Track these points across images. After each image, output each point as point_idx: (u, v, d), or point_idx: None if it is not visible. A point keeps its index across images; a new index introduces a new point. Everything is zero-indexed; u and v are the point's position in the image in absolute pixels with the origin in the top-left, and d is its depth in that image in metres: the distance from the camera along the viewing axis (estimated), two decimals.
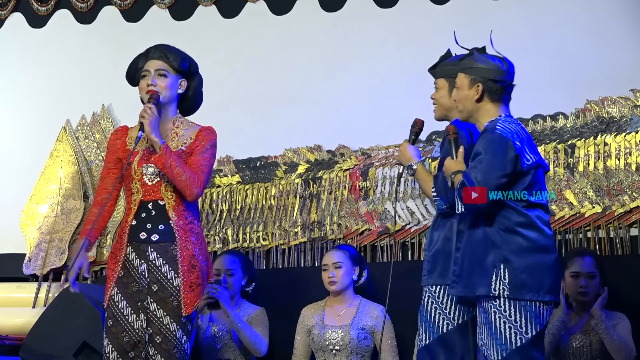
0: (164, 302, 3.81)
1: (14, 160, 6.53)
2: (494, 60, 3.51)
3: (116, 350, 3.82)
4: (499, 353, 3.28)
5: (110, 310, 3.87)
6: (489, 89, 3.47)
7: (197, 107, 4.16)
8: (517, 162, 3.31)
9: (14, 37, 6.80)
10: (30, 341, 5.07)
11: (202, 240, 3.96)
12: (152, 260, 3.85)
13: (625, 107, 4.98)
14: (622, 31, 5.12)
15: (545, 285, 3.28)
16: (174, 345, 3.79)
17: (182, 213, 3.90)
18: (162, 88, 3.94)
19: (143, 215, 3.90)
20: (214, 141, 4.00)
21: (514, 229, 3.30)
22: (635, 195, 4.81)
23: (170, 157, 3.79)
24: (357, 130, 5.65)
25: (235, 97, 6.04)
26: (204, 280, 3.92)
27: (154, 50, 4.02)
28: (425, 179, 3.75)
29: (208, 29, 6.27)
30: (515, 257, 3.28)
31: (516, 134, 3.37)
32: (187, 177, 3.81)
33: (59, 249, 5.96)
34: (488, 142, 3.35)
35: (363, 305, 4.74)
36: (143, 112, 3.84)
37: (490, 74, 3.48)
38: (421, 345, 3.67)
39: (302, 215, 5.60)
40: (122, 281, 3.88)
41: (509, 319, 3.28)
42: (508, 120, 3.43)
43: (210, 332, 4.90)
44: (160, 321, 3.80)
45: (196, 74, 4.09)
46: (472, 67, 3.51)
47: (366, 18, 5.84)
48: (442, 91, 3.81)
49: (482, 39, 3.92)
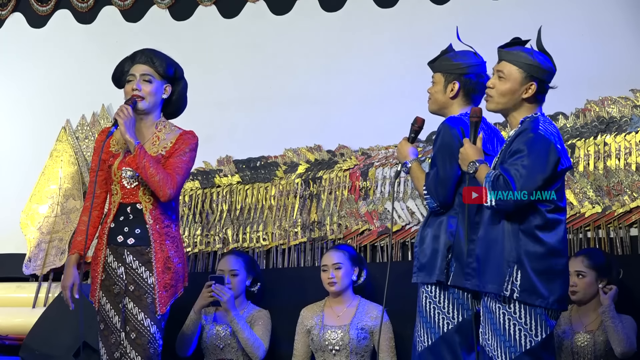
0: (139, 300, 3.87)
1: (14, 160, 6.53)
2: (548, 61, 3.44)
3: (107, 352, 3.92)
4: (507, 355, 3.26)
5: (100, 314, 3.95)
6: (540, 89, 3.42)
7: (181, 111, 4.18)
8: (556, 166, 3.27)
9: (14, 37, 6.79)
10: (30, 341, 5.08)
11: (178, 243, 4.00)
12: (128, 263, 3.92)
13: (625, 107, 4.98)
14: (622, 31, 5.12)
15: (555, 292, 3.26)
16: (148, 341, 3.85)
17: (159, 217, 3.94)
18: (147, 93, 3.96)
19: (121, 219, 3.96)
20: (193, 145, 4.01)
21: (533, 232, 3.27)
22: (635, 195, 4.80)
23: (144, 158, 3.82)
24: (357, 130, 5.65)
25: (235, 97, 6.04)
26: (178, 282, 3.97)
27: (140, 55, 4.03)
28: (418, 176, 3.75)
29: (208, 29, 6.27)
30: (529, 261, 3.24)
31: (557, 136, 3.33)
32: (160, 178, 3.83)
33: (59, 249, 5.96)
34: (530, 142, 3.28)
35: (362, 306, 4.74)
36: (119, 111, 3.87)
37: (545, 75, 3.42)
38: (423, 347, 3.67)
39: (302, 215, 5.60)
40: (104, 284, 3.96)
41: (519, 321, 3.25)
42: (548, 121, 3.38)
43: (214, 331, 4.90)
44: (136, 318, 3.86)
45: (181, 79, 4.11)
46: (529, 65, 3.41)
47: (366, 18, 5.83)
48: (437, 86, 3.81)
49: (482, 39, 3.93)
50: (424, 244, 3.71)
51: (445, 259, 3.61)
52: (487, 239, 3.36)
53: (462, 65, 3.76)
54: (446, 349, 3.62)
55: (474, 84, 3.76)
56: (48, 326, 5.06)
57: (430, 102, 3.87)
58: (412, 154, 3.83)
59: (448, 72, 3.78)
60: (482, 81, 3.75)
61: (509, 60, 3.44)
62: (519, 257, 3.26)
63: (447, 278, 3.62)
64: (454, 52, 3.82)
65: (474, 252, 3.42)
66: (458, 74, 3.76)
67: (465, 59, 3.78)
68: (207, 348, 4.90)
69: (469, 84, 3.76)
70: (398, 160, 3.91)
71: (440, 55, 3.83)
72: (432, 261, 3.65)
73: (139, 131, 3.99)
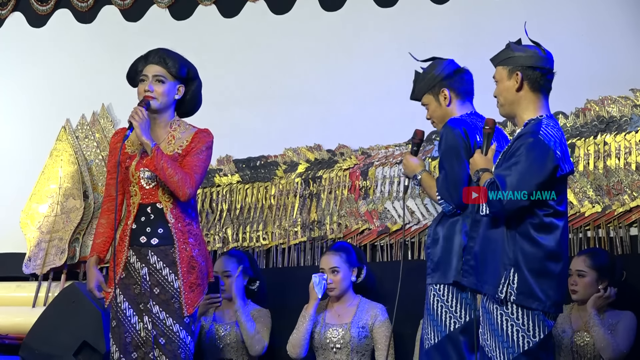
0: (166, 305, 3.85)
1: (14, 160, 6.53)
2: (530, 47, 3.43)
3: (119, 350, 3.89)
4: (505, 356, 3.25)
5: (113, 312, 3.93)
6: (528, 76, 3.39)
7: (195, 110, 4.17)
8: (553, 172, 3.26)
9: (14, 36, 6.80)
10: (30, 340, 5.07)
11: (201, 241, 3.99)
12: (152, 263, 3.89)
13: (625, 107, 4.98)
14: (622, 31, 5.12)
15: (551, 297, 3.25)
16: (178, 346, 3.84)
17: (180, 215, 3.93)
18: (159, 94, 3.95)
19: (142, 219, 3.94)
20: (209, 143, 4.01)
21: (529, 234, 3.26)
22: (635, 194, 4.81)
23: (161, 159, 3.81)
24: (357, 129, 5.65)
25: (235, 96, 6.04)
26: (204, 280, 3.95)
27: (154, 55, 4.01)
28: (430, 185, 3.76)
29: (208, 28, 6.27)
30: (526, 263, 3.24)
31: (559, 141, 3.30)
32: (179, 178, 3.82)
33: (59, 249, 5.95)
34: (528, 147, 3.26)
35: (363, 304, 4.75)
36: (134, 114, 3.86)
37: (528, 60, 3.40)
38: (430, 345, 3.68)
39: (302, 215, 5.60)
40: (124, 282, 3.92)
41: (517, 322, 3.25)
42: (551, 124, 3.34)
43: (214, 331, 4.90)
44: (164, 323, 3.84)
45: (195, 79, 4.10)
46: (509, 58, 3.42)
47: (366, 18, 5.83)
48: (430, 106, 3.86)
49: (481, 39, 3.94)
50: (437, 245, 3.71)
51: (461, 259, 3.60)
52: (487, 238, 3.36)
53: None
54: (452, 347, 3.63)
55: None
56: (48, 325, 5.05)
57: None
58: (420, 165, 3.85)
59: (432, 93, 3.80)
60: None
61: (495, 63, 3.49)
62: (516, 260, 3.25)
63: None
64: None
65: (472, 249, 3.42)
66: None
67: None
68: (207, 347, 4.90)
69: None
70: (406, 175, 3.92)
71: (413, 82, 3.86)
72: (447, 262, 3.65)
73: (153, 131, 3.97)
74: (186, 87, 4.05)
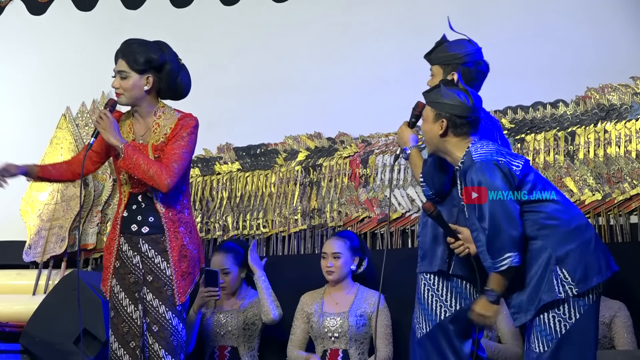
0: (158, 292, 3.87)
1: (14, 148, 6.50)
2: (459, 95, 3.47)
3: (118, 340, 3.92)
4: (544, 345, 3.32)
5: (112, 302, 3.96)
6: (454, 123, 3.45)
7: (182, 93, 4.07)
8: (508, 179, 3.31)
9: (14, 24, 6.77)
10: (30, 328, 5.08)
11: (192, 229, 3.99)
12: (144, 252, 3.91)
13: (625, 95, 4.98)
14: (622, 19, 5.11)
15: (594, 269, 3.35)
16: (171, 334, 3.85)
17: (170, 204, 3.93)
18: (125, 90, 3.93)
19: (134, 207, 3.96)
20: (192, 128, 3.93)
21: (539, 231, 3.34)
22: (635, 182, 4.81)
23: (133, 156, 3.80)
24: (357, 117, 5.64)
25: (235, 84, 6.03)
26: (195, 269, 3.96)
27: (118, 50, 3.99)
28: (416, 163, 3.75)
29: (208, 16, 6.25)
30: (564, 250, 3.32)
31: (494, 151, 3.37)
32: (154, 171, 3.80)
33: (59, 236, 5.95)
34: (477, 173, 3.33)
35: (361, 293, 4.75)
36: (98, 119, 3.87)
37: (455, 109, 3.45)
38: (422, 334, 3.69)
39: (302, 203, 5.60)
40: (119, 272, 3.95)
41: (563, 317, 3.32)
42: (477, 146, 3.41)
43: (215, 318, 4.91)
44: (157, 310, 3.86)
45: (163, 65, 3.95)
46: (438, 102, 3.48)
47: (365, 5, 5.82)
48: (436, 78, 3.81)
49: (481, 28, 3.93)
50: (425, 231, 3.72)
51: (447, 248, 3.61)
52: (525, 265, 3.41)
53: (459, 55, 3.76)
54: (442, 335, 3.64)
55: (472, 72, 3.76)
56: (48, 313, 5.06)
57: None
58: (412, 140, 3.83)
59: (446, 64, 3.77)
60: (479, 68, 3.76)
61: (425, 99, 3.56)
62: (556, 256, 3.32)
63: (448, 267, 3.63)
64: (449, 42, 3.82)
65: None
66: (456, 64, 3.76)
67: (461, 48, 3.78)
68: (208, 334, 4.92)
69: (468, 72, 3.75)
70: (398, 145, 3.91)
71: (435, 47, 3.83)
72: (433, 250, 3.66)
73: (139, 123, 3.98)
74: (158, 74, 3.95)
